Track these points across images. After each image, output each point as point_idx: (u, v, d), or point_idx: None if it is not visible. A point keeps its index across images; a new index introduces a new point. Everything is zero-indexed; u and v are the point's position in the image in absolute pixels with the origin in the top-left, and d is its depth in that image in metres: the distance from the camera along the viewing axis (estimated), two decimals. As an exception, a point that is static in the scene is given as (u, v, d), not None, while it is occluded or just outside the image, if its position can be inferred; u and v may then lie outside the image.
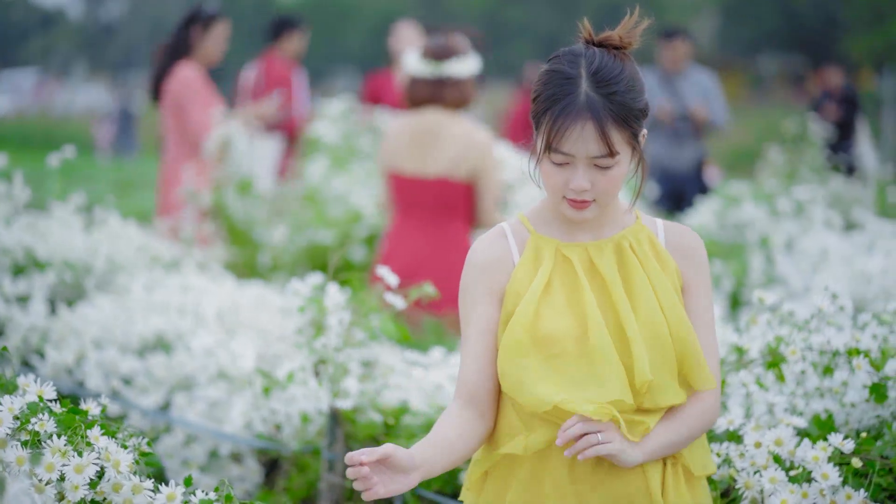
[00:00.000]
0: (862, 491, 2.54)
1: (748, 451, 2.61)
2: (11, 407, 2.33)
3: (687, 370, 2.31)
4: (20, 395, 2.41)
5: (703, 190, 8.32)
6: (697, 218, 6.38)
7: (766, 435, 2.61)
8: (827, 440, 2.58)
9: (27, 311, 4.37)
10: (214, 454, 3.76)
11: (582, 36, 2.31)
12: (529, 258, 2.34)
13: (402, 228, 5.43)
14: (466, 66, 5.34)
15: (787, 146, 7.64)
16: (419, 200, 5.35)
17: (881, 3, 30.77)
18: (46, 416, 2.37)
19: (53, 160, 4.94)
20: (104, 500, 2.35)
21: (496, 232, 2.38)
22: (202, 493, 2.37)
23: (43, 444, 2.31)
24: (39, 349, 4.29)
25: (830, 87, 11.58)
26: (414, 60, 5.36)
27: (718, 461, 2.63)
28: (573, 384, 2.25)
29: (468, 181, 5.29)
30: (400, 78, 7.82)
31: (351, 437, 3.27)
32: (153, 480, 2.38)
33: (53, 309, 4.56)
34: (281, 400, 3.46)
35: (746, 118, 25.15)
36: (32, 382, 2.43)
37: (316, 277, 3.40)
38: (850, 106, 11.46)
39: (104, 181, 13.87)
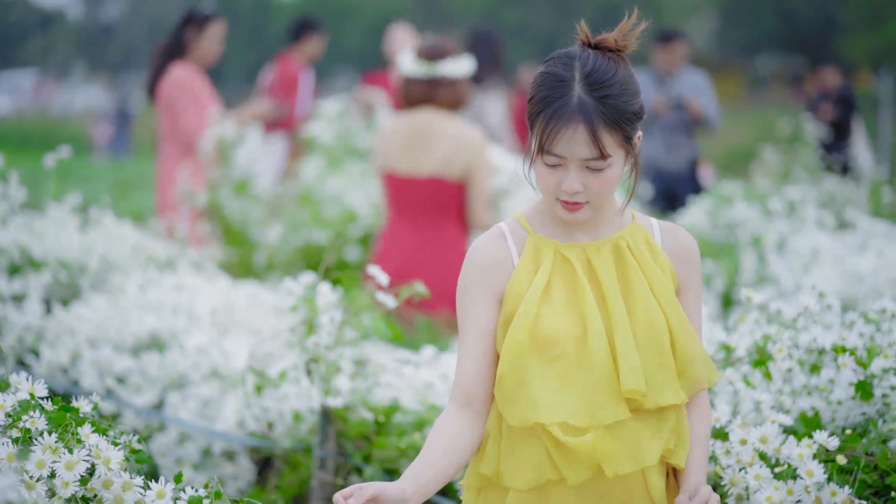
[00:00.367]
0: (846, 487, 2.56)
1: (734, 448, 2.62)
2: (3, 404, 2.35)
3: (683, 368, 2.33)
4: (12, 392, 2.43)
5: (696, 190, 8.35)
6: (690, 217, 6.39)
7: (751, 432, 2.63)
8: (812, 437, 2.61)
9: (22, 310, 4.39)
10: (207, 452, 3.78)
11: (579, 38, 2.32)
12: (529, 259, 2.34)
13: (396, 228, 5.45)
14: (460, 66, 5.37)
15: (781, 146, 7.67)
16: (413, 200, 5.37)
17: (879, 3, 30.81)
18: (38, 413, 2.39)
19: (49, 160, 4.96)
20: (95, 496, 2.37)
21: (495, 232, 2.37)
22: (192, 489, 2.39)
23: (34, 441, 2.33)
24: (34, 348, 4.31)
25: (827, 87, 11.59)
26: (408, 61, 5.38)
27: (705, 458, 2.65)
28: (571, 389, 2.26)
29: (461, 180, 5.31)
30: (395, 79, 7.85)
31: (342, 434, 3.29)
32: (143, 477, 2.40)
33: (49, 308, 4.58)
34: (273, 398, 3.48)
35: (744, 119, 25.18)
36: (24, 380, 2.45)
37: (308, 276, 3.42)
38: (846, 106, 11.47)
39: (103, 181, 13.88)
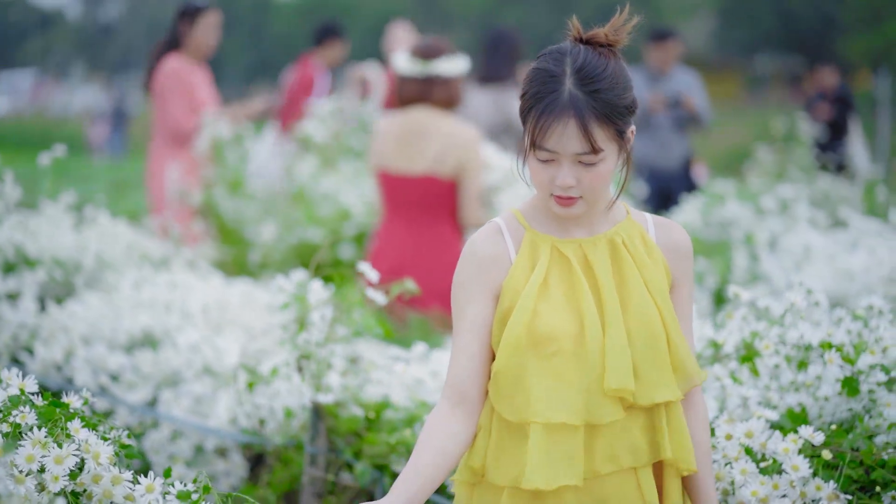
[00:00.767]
0: (832, 482, 2.57)
1: (720, 443, 2.64)
2: (-7, 399, 2.37)
3: (676, 364, 2.34)
4: (3, 388, 2.44)
5: (690, 188, 8.37)
6: (683, 216, 6.40)
7: (737, 427, 2.65)
8: (798, 433, 2.62)
9: (17, 308, 4.40)
10: (200, 449, 3.80)
11: (571, 34, 2.33)
12: (526, 255, 2.34)
13: (390, 226, 5.47)
14: (455, 65, 5.39)
15: (776, 145, 7.68)
16: (407, 198, 5.39)
17: (878, 3, 30.82)
18: (28, 408, 2.41)
19: (44, 159, 4.98)
20: (84, 491, 2.38)
21: (492, 228, 2.37)
22: (181, 484, 2.40)
23: (24, 435, 2.34)
24: (29, 346, 4.32)
25: (824, 87, 11.60)
26: (403, 60, 5.40)
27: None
28: (567, 386, 2.26)
29: (453, 178, 5.33)
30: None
31: (333, 431, 3.30)
32: (133, 472, 2.41)
33: (43, 306, 4.60)
34: (265, 395, 3.49)
35: (743, 119, 25.17)
36: (15, 376, 2.46)
37: (300, 274, 3.43)
38: (843, 106, 11.48)
39: (100, 181, 13.89)
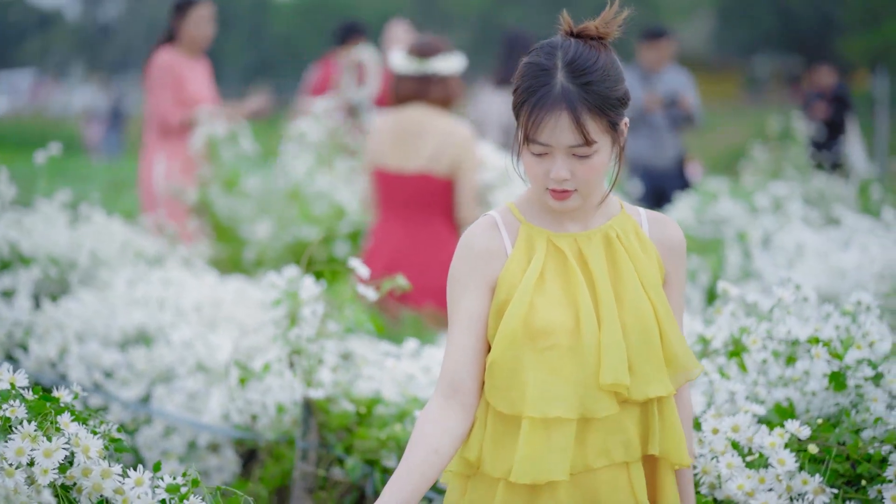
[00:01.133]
0: (818, 476, 2.59)
1: (706, 437, 2.66)
2: (-17, 394, 2.38)
3: (668, 359, 2.34)
4: (-7, 383, 2.45)
5: (684, 186, 8.39)
6: (676, 213, 6.42)
7: (723, 421, 2.66)
8: (784, 427, 2.64)
9: (12, 305, 4.42)
10: (193, 445, 3.82)
11: (562, 28, 2.33)
12: (522, 248, 2.33)
13: (385, 224, 5.48)
14: (451, 64, 5.40)
15: (772, 144, 7.70)
16: (402, 196, 5.40)
17: (877, 4, 30.84)
18: (18, 402, 2.42)
19: (40, 157, 4.99)
20: (74, 484, 2.40)
21: (487, 221, 2.37)
22: (170, 477, 2.42)
23: (14, 429, 2.36)
24: (23, 343, 4.34)
25: (821, 86, 11.62)
26: (400, 58, 5.41)
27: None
28: (562, 380, 2.26)
29: (449, 176, 5.34)
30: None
31: (324, 426, 3.32)
32: (123, 466, 2.43)
33: (38, 304, 4.62)
34: (257, 391, 3.51)
35: (742, 119, 25.18)
36: (6, 371, 2.47)
37: (292, 270, 3.45)
38: (840, 105, 11.50)
39: (99, 181, 13.91)
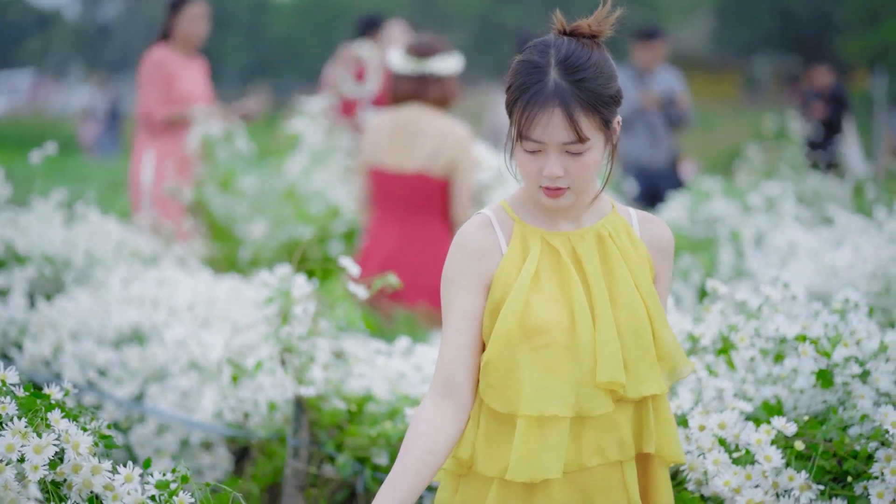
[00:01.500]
0: (804, 472, 2.60)
1: (693, 434, 2.67)
2: (-27, 391, 2.40)
3: (661, 357, 2.35)
4: (-16, 380, 2.47)
5: (677, 186, 8.43)
6: (669, 212, 6.44)
7: (710, 418, 2.68)
8: (771, 424, 2.65)
9: (6, 304, 4.43)
10: (186, 443, 3.83)
11: (554, 27, 2.34)
12: (517, 246, 2.34)
13: (381, 223, 5.49)
14: (449, 64, 5.41)
15: (767, 144, 7.72)
16: (399, 196, 5.41)
17: (876, 4, 30.86)
18: (9, 399, 2.43)
19: (35, 157, 5.01)
20: (65, 481, 2.41)
21: (482, 220, 2.37)
22: (159, 473, 2.43)
23: (4, 425, 2.37)
24: (18, 342, 4.35)
25: (819, 86, 11.64)
26: (398, 57, 5.42)
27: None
28: (558, 378, 2.26)
29: (446, 176, 5.35)
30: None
31: (316, 424, 3.33)
32: (113, 462, 2.44)
33: (32, 302, 4.63)
34: (250, 389, 3.52)
35: (741, 118, 25.19)
36: (-3, 369, 2.49)
37: (284, 268, 3.46)
38: (837, 105, 11.52)
39: (96, 180, 13.93)
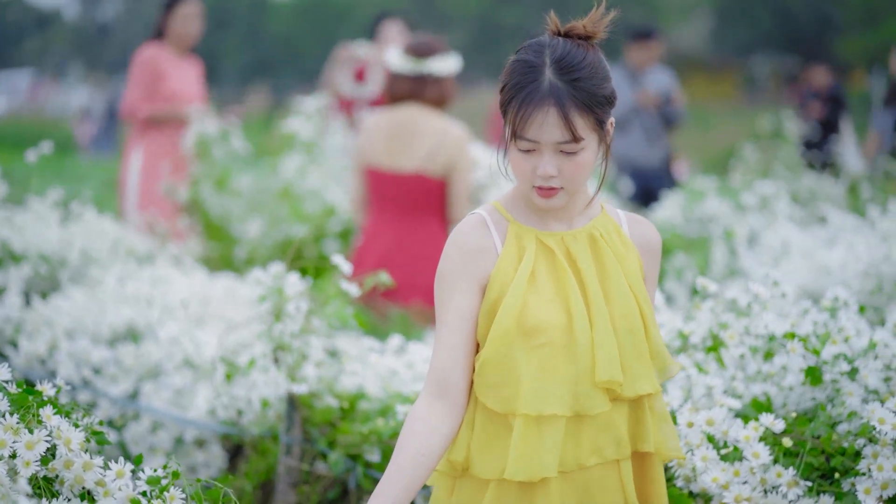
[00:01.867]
0: (791, 469, 2.62)
1: (682, 430, 2.69)
2: (-35, 388, 2.41)
3: (653, 356, 2.36)
4: (-22, 378, 2.48)
5: (671, 185, 8.46)
6: (663, 211, 6.46)
7: (698, 415, 2.70)
8: (759, 421, 2.67)
9: (2, 302, 4.45)
10: (180, 441, 3.85)
11: (549, 28, 2.35)
12: (512, 246, 2.34)
13: (377, 223, 5.50)
14: (447, 64, 5.42)
15: (763, 143, 7.74)
16: (395, 196, 5.42)
17: (875, 4, 30.89)
18: (1, 395, 2.45)
19: (31, 156, 5.03)
20: (56, 477, 2.43)
21: (476, 220, 2.36)
22: (151, 470, 2.45)
23: (-4, 422, 2.39)
24: (13, 340, 4.37)
25: (817, 86, 11.66)
26: (396, 57, 5.43)
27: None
28: (555, 377, 2.27)
29: (443, 176, 5.36)
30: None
31: (308, 421, 3.35)
32: (104, 459, 2.46)
33: (28, 301, 4.65)
34: (243, 386, 3.54)
35: (740, 118, 25.20)
36: (-11, 365, 2.51)
37: (277, 266, 3.48)
38: (835, 105, 11.54)
39: (95, 180, 13.95)
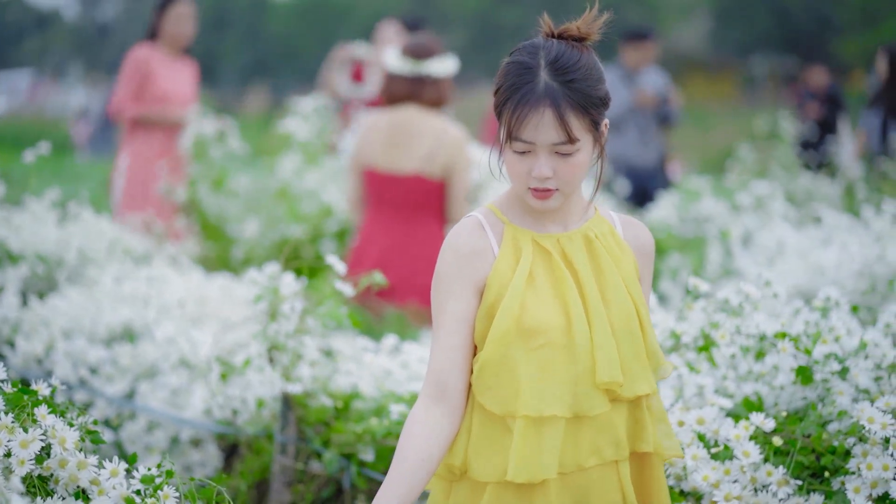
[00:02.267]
0: (781, 468, 2.64)
1: (673, 429, 2.70)
2: (-40, 387, 2.43)
3: (649, 356, 2.37)
4: (-28, 377, 2.50)
5: (665, 185, 8.48)
6: (659, 212, 6.48)
7: (689, 414, 2.71)
8: (749, 420, 2.69)
9: (-1, 302, 4.47)
10: (175, 440, 3.87)
11: (542, 30, 2.36)
12: (509, 249, 2.34)
13: (374, 224, 5.51)
14: (445, 65, 5.44)
15: (759, 144, 7.76)
16: (394, 197, 5.43)
17: (873, 4, 30.90)
18: (-5, 395, 2.47)
19: (29, 156, 5.04)
20: (51, 475, 2.45)
21: (473, 222, 2.36)
22: (145, 468, 2.46)
23: (-9, 421, 2.40)
24: (10, 340, 4.39)
25: (815, 86, 11.69)
26: (393, 58, 5.44)
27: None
28: (554, 379, 2.27)
29: (442, 177, 5.38)
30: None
31: (303, 420, 3.37)
32: (98, 458, 2.48)
33: (25, 301, 4.67)
34: (238, 386, 3.56)
35: (738, 118, 25.21)
36: (-17, 365, 2.52)
37: (273, 266, 3.49)
38: (833, 105, 11.57)
39: (93, 180, 13.97)
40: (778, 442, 2.68)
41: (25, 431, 2.40)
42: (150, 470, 2.48)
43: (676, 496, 2.68)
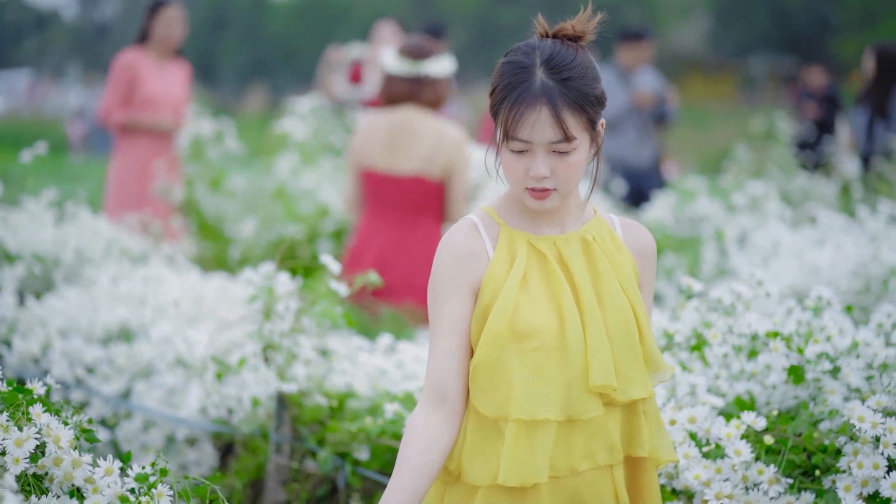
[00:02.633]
0: (772, 466, 2.65)
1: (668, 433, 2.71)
2: (-45, 386, 2.44)
3: (646, 360, 2.37)
4: (-33, 376, 2.52)
5: (661, 185, 8.49)
6: (654, 212, 6.49)
7: (681, 413, 2.73)
8: (741, 418, 2.70)
9: (-3, 302, 4.48)
10: (171, 439, 3.88)
11: (537, 31, 2.36)
12: (504, 251, 2.33)
13: (372, 224, 5.51)
14: (443, 66, 5.45)
15: (756, 144, 7.77)
16: (393, 197, 5.43)
17: (872, 5, 30.93)
18: (-10, 393, 2.48)
19: (25, 156, 5.05)
20: (46, 474, 2.46)
21: (468, 224, 2.35)
22: (139, 467, 2.48)
23: (-14, 420, 2.41)
24: (7, 339, 4.40)
25: (813, 86, 11.70)
26: (392, 58, 5.45)
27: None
28: (547, 382, 2.27)
29: (441, 179, 5.38)
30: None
31: (298, 419, 3.38)
32: (92, 456, 2.49)
33: (22, 300, 4.68)
34: (234, 385, 3.57)
35: (737, 119, 25.22)
36: (-22, 363, 2.54)
37: (268, 266, 3.50)
38: (830, 105, 11.58)
39: (92, 180, 13.99)
40: (769, 440, 2.69)
41: (20, 430, 2.41)
42: (144, 469, 2.49)
43: (668, 495, 2.69)
